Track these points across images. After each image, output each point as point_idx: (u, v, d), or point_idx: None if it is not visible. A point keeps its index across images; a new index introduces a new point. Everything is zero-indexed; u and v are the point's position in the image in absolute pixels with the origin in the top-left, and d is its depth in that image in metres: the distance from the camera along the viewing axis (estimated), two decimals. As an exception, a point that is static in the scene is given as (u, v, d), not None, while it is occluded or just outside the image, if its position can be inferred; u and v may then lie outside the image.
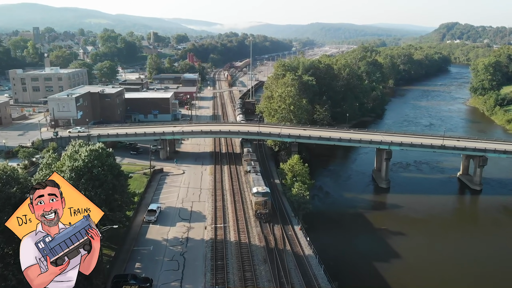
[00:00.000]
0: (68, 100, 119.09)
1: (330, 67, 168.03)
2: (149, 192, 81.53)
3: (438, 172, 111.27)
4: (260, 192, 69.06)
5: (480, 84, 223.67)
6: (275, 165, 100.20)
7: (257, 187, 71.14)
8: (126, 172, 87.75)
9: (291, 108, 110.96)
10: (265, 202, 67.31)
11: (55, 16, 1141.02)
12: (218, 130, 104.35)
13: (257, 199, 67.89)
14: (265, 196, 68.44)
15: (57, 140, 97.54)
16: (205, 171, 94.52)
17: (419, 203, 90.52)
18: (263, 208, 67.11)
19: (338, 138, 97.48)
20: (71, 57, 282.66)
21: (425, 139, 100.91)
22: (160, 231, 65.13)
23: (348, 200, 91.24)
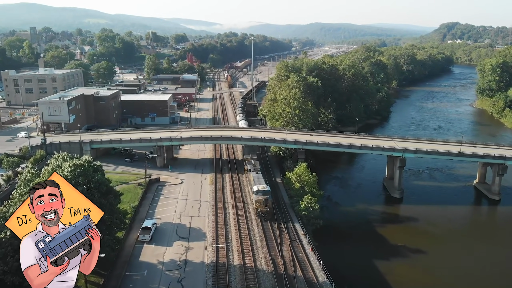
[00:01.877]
0: (59, 103, 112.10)
1: (334, 68, 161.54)
2: (144, 205, 74.56)
3: (453, 180, 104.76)
4: (261, 191, 69.70)
5: (487, 85, 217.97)
6: (280, 174, 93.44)
7: (257, 185, 71.83)
8: (120, 182, 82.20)
9: (296, 112, 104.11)
10: (265, 201, 68.07)
11: (53, 16, 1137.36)
12: (219, 136, 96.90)
13: (258, 198, 68.62)
14: (265, 194, 69.04)
15: (45, 147, 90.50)
16: (205, 180, 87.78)
17: (435, 215, 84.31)
18: (264, 206, 67.93)
19: (348, 145, 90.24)
20: (68, 57, 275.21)
21: (440, 146, 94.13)
22: (156, 252, 58.27)
23: (359, 212, 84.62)
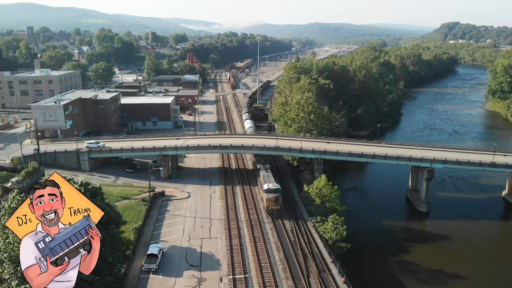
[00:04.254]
0: (55, 107, 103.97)
1: (345, 69, 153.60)
2: (148, 224, 66.53)
3: (479, 191, 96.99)
4: (271, 189, 71.03)
5: (499, 86, 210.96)
6: (296, 186, 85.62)
7: (267, 184, 73.07)
8: (121, 198, 74.17)
9: (311, 117, 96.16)
10: (276, 199, 69.48)
11: (52, 16, 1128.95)
12: (229, 145, 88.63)
13: (268, 196, 70.03)
14: (276, 192, 70.33)
15: (39, 157, 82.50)
16: (214, 193, 79.88)
17: (467, 232, 76.82)
18: (275, 204, 69.35)
19: (371, 154, 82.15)
20: (65, 58, 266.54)
21: (470, 155, 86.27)
22: (164, 284, 50.26)
23: (385, 230, 76.84)
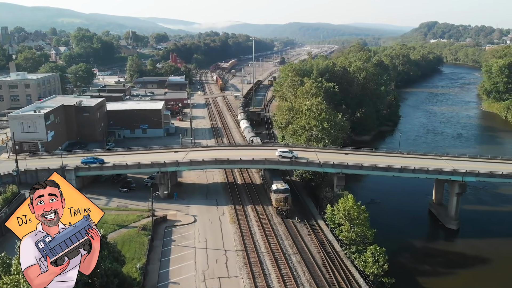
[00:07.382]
0: (35, 117, 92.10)
1: (346, 70, 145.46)
2: (153, 260, 55.91)
3: (504, 203, 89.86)
4: (280, 189, 71.29)
5: (494, 87, 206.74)
6: (314, 205, 76.34)
7: (276, 184, 73.15)
8: (117, 226, 63.29)
9: (324, 125, 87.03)
10: (285, 199, 69.78)
11: (26, 15, 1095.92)
12: (238, 159, 77.98)
13: (278, 196, 70.25)
14: (285, 192, 70.75)
15: (18, 179, 71.04)
16: (223, 216, 69.93)
17: (505, 254, 68.89)
18: (284, 204, 69.54)
19: (399, 168, 73.38)
20: (42, 59, 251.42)
21: (503, 165, 78.58)
22: None
23: (416, 251, 68.42)
